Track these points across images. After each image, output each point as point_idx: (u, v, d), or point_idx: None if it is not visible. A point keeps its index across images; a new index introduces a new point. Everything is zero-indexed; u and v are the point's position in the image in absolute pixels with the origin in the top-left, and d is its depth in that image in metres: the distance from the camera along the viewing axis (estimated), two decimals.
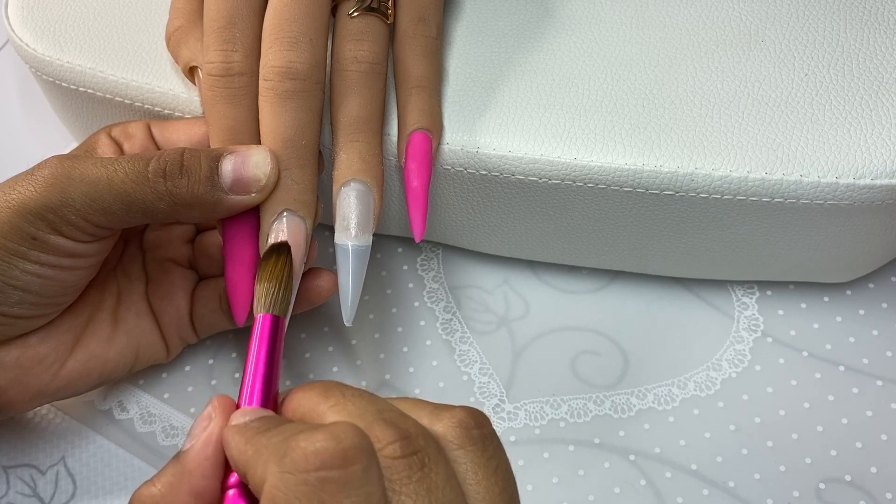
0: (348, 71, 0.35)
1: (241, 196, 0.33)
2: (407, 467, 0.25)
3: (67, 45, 0.39)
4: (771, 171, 0.35)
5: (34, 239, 0.31)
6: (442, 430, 0.27)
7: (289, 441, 0.25)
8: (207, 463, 0.28)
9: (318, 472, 0.24)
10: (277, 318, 0.31)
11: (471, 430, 0.27)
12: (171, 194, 0.32)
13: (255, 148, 0.33)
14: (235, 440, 0.27)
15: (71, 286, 0.34)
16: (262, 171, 0.33)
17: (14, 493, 0.37)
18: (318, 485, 0.24)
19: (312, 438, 0.24)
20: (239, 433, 0.27)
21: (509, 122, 0.36)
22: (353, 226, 0.34)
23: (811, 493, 0.36)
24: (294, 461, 0.24)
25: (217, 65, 0.34)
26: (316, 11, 0.34)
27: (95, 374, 0.36)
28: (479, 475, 0.26)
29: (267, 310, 0.31)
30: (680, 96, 0.36)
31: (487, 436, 0.27)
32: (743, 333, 0.40)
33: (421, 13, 0.36)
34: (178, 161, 0.32)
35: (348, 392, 0.28)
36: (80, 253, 0.33)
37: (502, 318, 0.41)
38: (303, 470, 0.24)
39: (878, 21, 0.38)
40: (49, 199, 0.31)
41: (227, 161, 0.32)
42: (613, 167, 0.35)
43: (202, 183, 0.32)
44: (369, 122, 0.35)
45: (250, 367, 0.30)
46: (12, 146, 0.48)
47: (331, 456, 0.24)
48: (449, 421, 0.27)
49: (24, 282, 0.32)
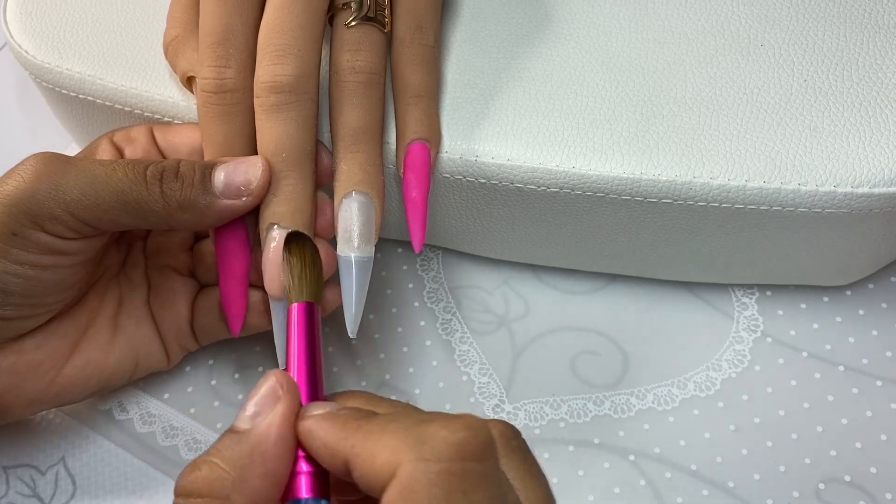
0: (346, 81, 0.34)
1: (232, 200, 0.33)
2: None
3: (66, 52, 0.39)
4: (769, 180, 0.35)
5: (14, 235, 0.31)
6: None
7: (425, 429, 0.24)
8: (284, 444, 0.26)
9: (463, 461, 0.24)
10: (311, 304, 0.30)
11: (510, 440, 0.27)
12: (165, 196, 0.32)
13: (249, 157, 0.33)
14: (326, 427, 0.26)
15: (54, 286, 0.33)
16: (253, 175, 0.33)
17: (14, 494, 0.37)
18: (461, 475, 0.23)
19: (452, 428, 0.24)
20: (329, 420, 0.26)
21: (508, 131, 0.36)
22: (356, 237, 0.34)
23: (811, 493, 0.36)
24: (435, 448, 0.24)
25: (210, 81, 0.34)
26: (306, 22, 0.34)
27: (94, 381, 0.36)
28: (526, 481, 0.26)
29: (298, 297, 0.30)
30: (678, 103, 0.36)
31: (524, 445, 0.27)
32: (743, 334, 0.40)
33: (418, 21, 0.36)
34: (175, 167, 0.32)
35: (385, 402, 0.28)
36: (61, 250, 0.32)
37: (502, 319, 0.41)
38: (446, 459, 0.24)
39: (878, 27, 0.38)
40: (37, 190, 0.31)
41: (221, 168, 0.33)
42: (612, 176, 0.35)
43: (195, 187, 0.32)
44: (369, 132, 0.34)
45: (294, 356, 0.29)
46: (12, 147, 0.48)
47: (473, 448, 0.24)
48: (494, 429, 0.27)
49: (4, 281, 0.32)
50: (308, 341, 0.29)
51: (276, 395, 0.27)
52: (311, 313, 0.30)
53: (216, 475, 0.25)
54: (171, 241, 0.38)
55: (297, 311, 0.30)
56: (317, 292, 0.31)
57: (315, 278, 0.31)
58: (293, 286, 0.30)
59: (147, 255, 0.38)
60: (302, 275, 0.31)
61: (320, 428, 0.26)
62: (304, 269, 0.31)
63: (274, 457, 0.26)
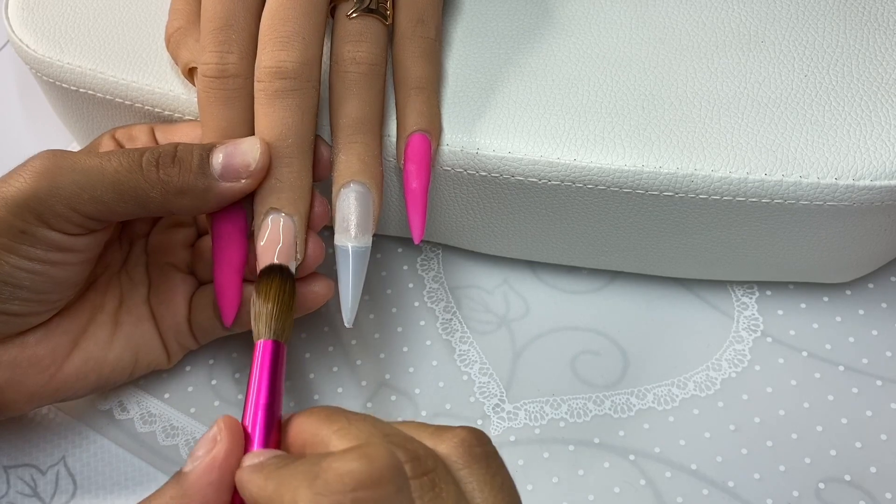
0: (347, 72, 0.35)
1: (231, 182, 0.33)
2: (419, 488, 0.25)
3: (67, 47, 0.39)
4: (770, 173, 0.35)
5: (23, 233, 0.31)
6: (445, 450, 0.27)
7: (320, 464, 0.24)
8: (211, 488, 0.27)
9: (354, 492, 0.24)
10: (279, 343, 0.31)
11: (473, 448, 0.27)
12: (162, 182, 0.32)
13: (247, 138, 0.33)
14: (253, 478, 0.26)
15: (63, 282, 0.33)
16: (251, 157, 0.33)
17: (14, 493, 0.37)
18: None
19: (345, 459, 0.24)
20: (256, 471, 0.27)
21: (509, 124, 0.36)
22: (353, 227, 0.34)
23: (811, 493, 0.36)
24: (327, 482, 0.24)
25: (212, 66, 0.34)
26: (311, 11, 0.34)
27: (93, 377, 0.36)
28: (486, 493, 0.26)
29: (268, 336, 0.31)
30: (679, 97, 0.36)
31: (490, 453, 0.27)
32: (743, 333, 0.40)
33: (420, 14, 0.36)
34: (172, 152, 0.32)
35: (352, 416, 0.27)
36: (70, 247, 0.32)
37: (502, 318, 0.41)
38: (337, 491, 0.24)
39: (878, 22, 0.38)
40: (38, 189, 0.31)
41: (219, 150, 0.33)
42: (613, 168, 0.35)
43: (193, 171, 0.32)
44: (368, 123, 0.35)
45: (252, 395, 0.30)
46: (12, 146, 0.48)
47: (365, 476, 0.24)
48: (451, 441, 0.27)
49: (15, 277, 0.32)
50: (270, 378, 0.30)
51: (214, 440, 0.28)
52: (276, 351, 0.31)
53: None
54: (174, 239, 0.38)
55: (262, 349, 0.31)
56: (286, 333, 0.31)
57: (283, 315, 0.31)
58: (263, 323, 0.31)
59: (149, 252, 0.38)
60: (277, 315, 0.31)
61: (249, 480, 0.27)
62: (274, 306, 0.31)
63: (202, 500, 0.27)
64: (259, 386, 0.30)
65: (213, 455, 0.28)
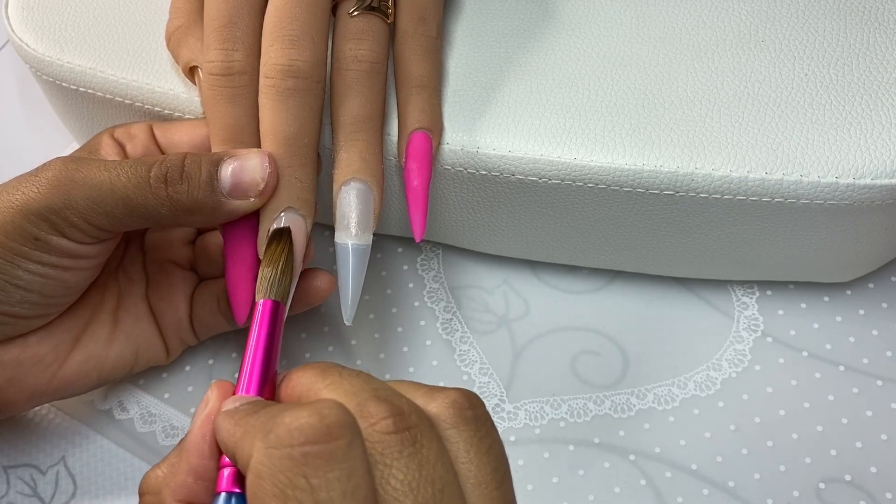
0: (349, 70, 0.35)
1: (240, 200, 0.33)
2: (399, 442, 0.25)
3: (67, 46, 0.39)
4: (771, 171, 0.35)
5: (37, 239, 0.32)
6: (436, 409, 0.27)
7: (274, 418, 0.25)
8: (204, 443, 0.28)
9: (303, 446, 0.24)
10: (277, 303, 0.31)
11: (464, 410, 0.27)
12: (171, 200, 0.32)
13: (253, 152, 0.33)
14: (225, 424, 0.27)
15: (73, 286, 0.34)
16: (259, 175, 0.32)
17: (14, 493, 0.37)
18: (301, 459, 0.24)
19: (296, 415, 0.25)
20: (228, 417, 0.27)
21: (509, 122, 0.36)
22: (354, 225, 0.34)
23: (811, 493, 0.36)
24: (278, 436, 0.24)
25: (218, 64, 0.34)
26: (317, 10, 0.34)
27: (94, 375, 0.36)
28: (471, 454, 0.26)
29: (266, 295, 0.31)
30: (680, 96, 0.36)
31: (480, 416, 0.27)
32: (743, 333, 0.40)
33: (421, 13, 0.36)
34: (180, 167, 0.32)
35: (346, 372, 0.28)
36: (82, 254, 0.33)
37: (502, 318, 0.41)
38: (287, 444, 0.24)
39: (879, 21, 0.38)
40: (52, 201, 0.31)
41: (227, 166, 0.32)
42: (613, 167, 0.35)
43: (202, 188, 0.32)
44: (369, 121, 0.35)
45: (249, 351, 0.30)
46: (12, 146, 0.48)
47: (315, 431, 0.24)
48: (443, 401, 0.27)
49: (27, 281, 0.32)
50: (268, 336, 0.31)
51: (206, 401, 0.29)
52: (275, 311, 0.31)
53: (155, 474, 0.29)
54: (172, 236, 0.38)
55: (262, 307, 0.31)
56: (284, 293, 0.32)
57: (285, 279, 0.32)
58: (263, 283, 0.32)
59: (145, 250, 0.38)
60: (276, 275, 0.32)
61: (220, 424, 0.28)
62: (277, 269, 0.32)
63: (195, 454, 0.28)
64: (257, 342, 0.30)
65: (205, 413, 0.29)
